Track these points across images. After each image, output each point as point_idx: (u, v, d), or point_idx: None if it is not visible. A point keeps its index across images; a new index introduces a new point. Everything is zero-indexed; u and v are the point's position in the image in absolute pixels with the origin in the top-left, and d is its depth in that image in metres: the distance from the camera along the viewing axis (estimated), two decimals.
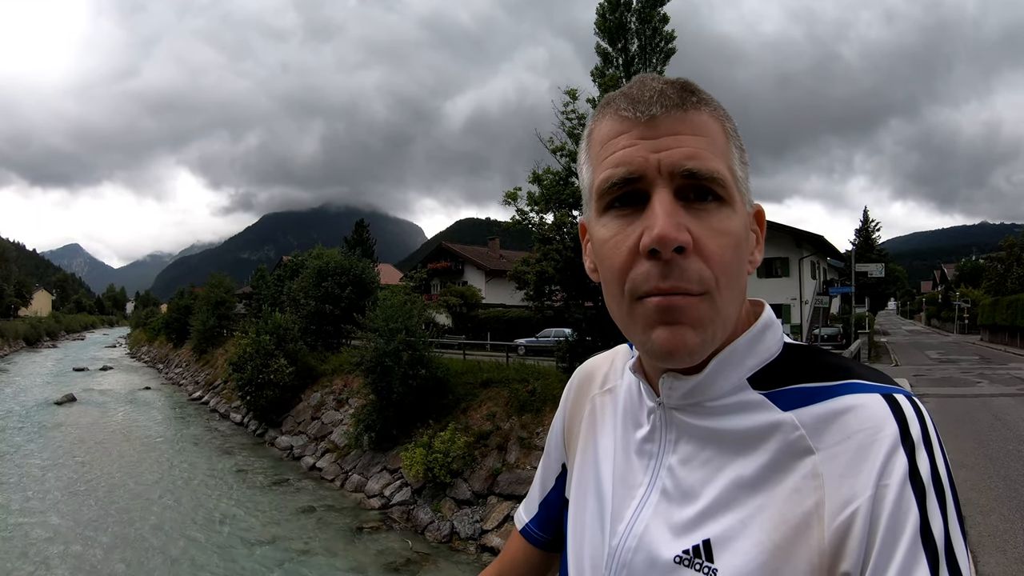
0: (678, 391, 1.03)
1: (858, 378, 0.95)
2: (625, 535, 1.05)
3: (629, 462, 1.12)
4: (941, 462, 0.86)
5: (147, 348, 74.83)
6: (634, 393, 1.17)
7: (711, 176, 0.93)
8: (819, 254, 46.51)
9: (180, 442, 26.94)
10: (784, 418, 0.94)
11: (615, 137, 0.98)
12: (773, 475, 0.92)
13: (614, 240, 0.96)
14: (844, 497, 0.85)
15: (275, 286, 44.52)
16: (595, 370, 1.34)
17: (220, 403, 35.28)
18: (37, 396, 38.42)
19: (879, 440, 0.86)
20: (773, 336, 1.05)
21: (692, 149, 0.94)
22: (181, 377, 48.80)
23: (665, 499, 1.03)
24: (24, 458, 23.58)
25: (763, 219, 1.09)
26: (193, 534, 16.23)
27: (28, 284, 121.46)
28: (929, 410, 0.91)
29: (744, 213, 1.00)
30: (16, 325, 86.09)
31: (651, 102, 0.96)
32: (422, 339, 20.97)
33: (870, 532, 0.83)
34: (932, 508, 0.82)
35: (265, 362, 27.70)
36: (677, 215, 0.92)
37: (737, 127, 1.04)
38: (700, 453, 1.01)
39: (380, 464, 19.91)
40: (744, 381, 1.01)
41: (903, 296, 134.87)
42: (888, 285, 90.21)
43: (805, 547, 0.86)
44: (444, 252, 64.19)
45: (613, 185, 0.96)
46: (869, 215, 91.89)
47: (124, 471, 21.99)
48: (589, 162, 1.04)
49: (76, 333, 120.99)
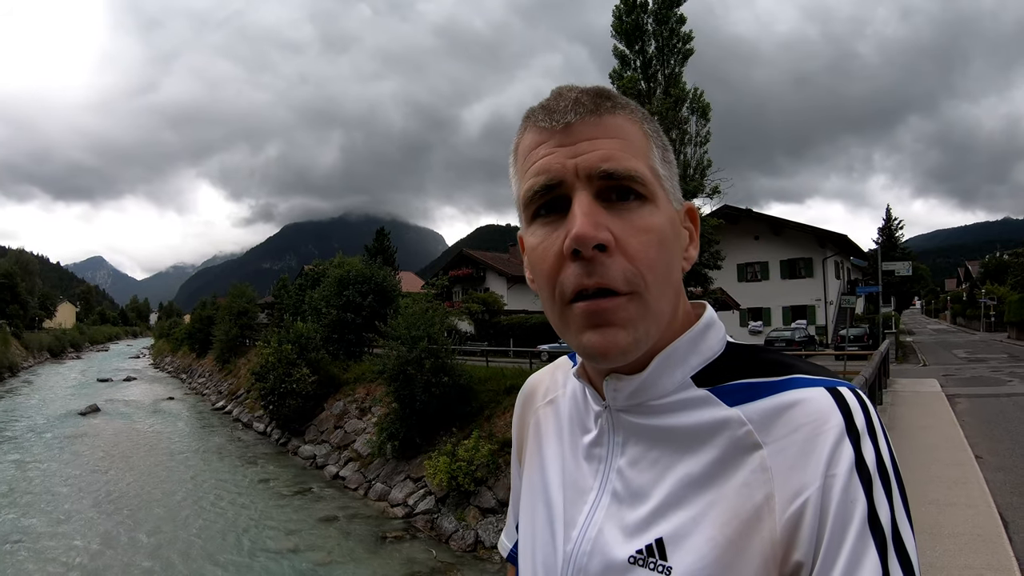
0: (623, 392, 1.03)
1: (801, 373, 0.97)
2: (579, 540, 1.05)
3: (579, 468, 1.12)
4: (886, 450, 0.88)
5: (170, 358, 75.37)
6: (579, 399, 1.18)
7: (628, 175, 0.95)
8: (842, 254, 46.16)
9: (203, 451, 27.02)
10: (731, 414, 0.95)
11: (535, 147, 1.01)
12: (722, 471, 0.93)
13: (542, 247, 0.98)
14: (794, 489, 0.87)
15: (297, 295, 44.74)
16: (537, 384, 1.35)
17: (243, 412, 35.39)
18: (61, 407, 38.76)
19: (825, 431, 0.88)
20: (715, 335, 1.07)
21: (607, 151, 0.96)
22: (204, 387, 49.09)
23: (616, 501, 1.03)
24: (48, 468, 23.76)
25: (695, 215, 1.11)
26: (216, 543, 16.24)
27: (52, 296, 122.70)
28: (962, 410, 0.79)
29: (670, 210, 1.01)
30: (41, 337, 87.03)
31: (566, 111, 0.99)
32: (444, 346, 20.91)
33: (820, 521, 0.84)
34: (879, 495, 0.85)
35: (287, 371, 27.75)
36: (596, 215, 0.93)
37: (660, 128, 1.07)
38: (648, 453, 1.02)
39: (403, 473, 19.83)
40: (688, 379, 1.02)
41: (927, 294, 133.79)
42: (913, 284, 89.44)
43: (758, 540, 0.87)
44: (465, 259, 64.27)
45: (536, 193, 0.99)
46: (892, 213, 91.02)
47: (148, 480, 22.08)
48: (516, 174, 1.06)
49: (100, 344, 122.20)
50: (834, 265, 44.65)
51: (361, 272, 33.73)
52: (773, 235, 43.80)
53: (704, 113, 27.33)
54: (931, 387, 20.47)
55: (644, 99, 26.67)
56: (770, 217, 46.13)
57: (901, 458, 0.89)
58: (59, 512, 18.43)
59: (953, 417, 14.57)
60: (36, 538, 16.49)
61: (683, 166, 26.78)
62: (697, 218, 1.11)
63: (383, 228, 58.25)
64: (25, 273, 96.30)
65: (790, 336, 35.33)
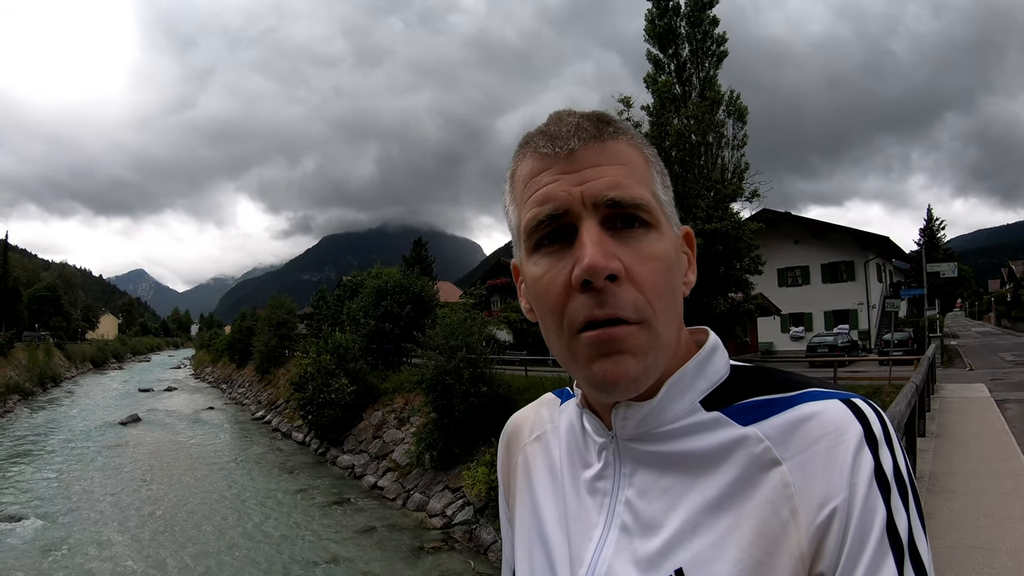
0: (632, 420, 1.00)
1: (813, 387, 0.95)
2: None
3: (581, 504, 1.07)
4: (902, 459, 0.88)
5: (211, 369, 76.47)
6: (577, 433, 1.14)
7: (635, 203, 0.94)
8: (884, 256, 45.44)
9: (243, 461, 27.31)
10: (747, 432, 0.93)
11: (537, 175, 0.98)
12: (742, 491, 0.91)
13: (547, 277, 0.96)
14: (819, 501, 0.85)
15: (335, 306, 45.03)
16: (521, 423, 1.31)
17: (282, 422, 35.74)
18: (103, 416, 39.50)
19: (845, 441, 0.87)
20: (720, 359, 1.04)
21: (613, 179, 0.95)
22: (244, 397, 49.67)
23: (626, 535, 0.99)
24: (90, 477, 24.19)
25: (692, 240, 1.10)
26: (255, 553, 16.39)
27: (95, 308, 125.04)
28: (1012, 416, 0.79)
29: (672, 236, 1.00)
30: (83, 348, 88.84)
31: (569, 136, 0.97)
32: (483, 356, 20.89)
33: (844, 531, 0.83)
34: (896, 505, 0.84)
35: (326, 381, 27.91)
36: (605, 244, 0.92)
37: (657, 152, 1.06)
38: (658, 482, 0.99)
39: (442, 483, 19.80)
40: (696, 404, 0.99)
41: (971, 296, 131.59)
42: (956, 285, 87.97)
43: (786, 556, 0.85)
44: (503, 268, 64.08)
45: (540, 223, 0.96)
46: (933, 214, 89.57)
47: (187, 489, 22.35)
48: (514, 202, 1.04)
49: (142, 355, 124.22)
50: (876, 268, 43.97)
51: (399, 282, 33.89)
52: (813, 238, 43.20)
53: (741, 116, 27.06)
54: (979, 392, 19.98)
55: (680, 103, 26.48)
56: (810, 220, 45.57)
57: (951, 468, 0.80)
58: (100, 520, 18.76)
59: (1004, 424, 14.13)
60: (78, 546, 16.78)
61: (720, 170, 26.55)
62: (694, 242, 1.10)
63: (420, 238, 58.49)
64: (68, 286, 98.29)
65: (832, 342, 34.67)
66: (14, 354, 55.80)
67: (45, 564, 15.62)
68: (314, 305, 57.97)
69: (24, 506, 20.41)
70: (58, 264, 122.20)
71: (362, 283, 38.82)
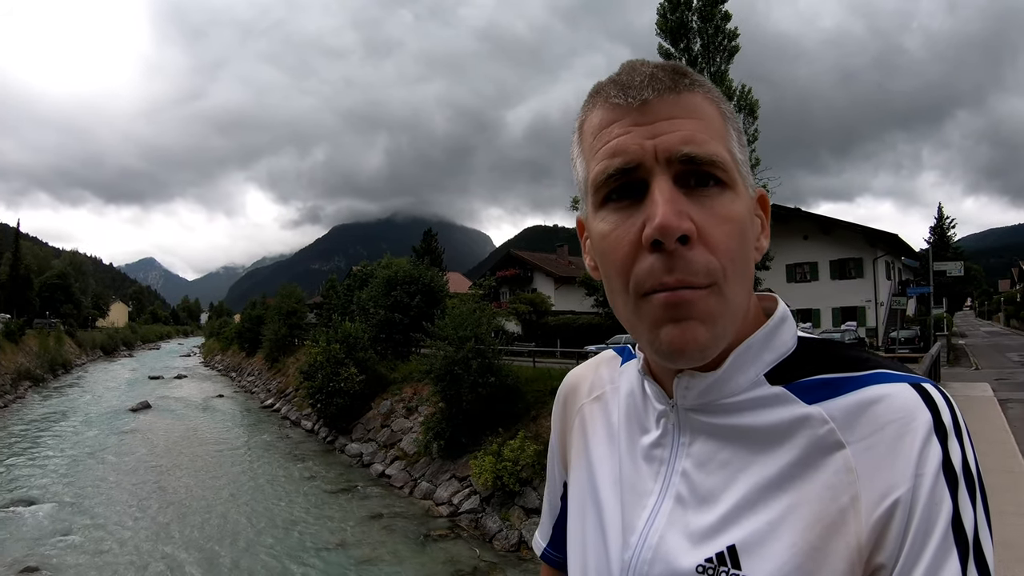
0: (695, 389, 0.98)
1: (883, 368, 0.92)
2: (639, 547, 0.99)
3: (637, 469, 1.06)
4: (971, 452, 0.85)
5: (220, 357, 76.72)
6: (637, 397, 1.12)
7: (710, 160, 0.90)
8: (893, 253, 45.30)
9: (252, 448, 27.48)
10: (811, 411, 0.90)
11: (607, 126, 0.94)
12: (802, 472, 0.88)
13: (615, 234, 0.92)
14: (881, 490, 0.82)
15: (345, 296, 45.12)
16: (580, 380, 1.29)
17: (291, 410, 35.89)
18: (113, 403, 39.70)
19: (913, 429, 0.84)
20: (788, 330, 1.01)
21: (688, 132, 0.90)
22: (253, 385, 49.84)
23: (680, 506, 0.98)
24: (99, 462, 24.40)
25: (767, 204, 1.05)
26: (262, 538, 16.53)
27: (105, 296, 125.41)
28: (1014, 416, 0.79)
29: (747, 197, 0.96)
30: (94, 335, 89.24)
31: (642, 87, 0.93)
32: (491, 347, 20.97)
33: (907, 523, 0.80)
34: (963, 500, 0.81)
35: (335, 370, 28.05)
36: (678, 203, 0.88)
37: (733, 109, 1.01)
38: (718, 455, 0.97)
39: (449, 472, 19.94)
40: (761, 376, 0.97)
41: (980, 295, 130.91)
42: (965, 284, 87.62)
43: (843, 544, 0.83)
44: (512, 260, 64.30)
45: (610, 176, 0.92)
46: (944, 212, 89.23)
47: (196, 475, 22.54)
48: (582, 155, 1.00)
49: (151, 343, 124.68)
50: (885, 265, 43.83)
51: (409, 273, 33.97)
52: (822, 234, 43.03)
53: (752, 111, 27.01)
54: (983, 391, 19.99)
55: None
56: (819, 216, 45.31)
57: None
58: (109, 506, 18.91)
59: (1005, 423, 14.17)
60: (88, 530, 16.93)
61: None
62: (768, 205, 1.06)
63: (430, 229, 58.59)
64: (79, 274, 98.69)
65: (839, 338, 34.28)
66: (25, 341, 56.05)
67: (59, 547, 15.75)
68: (324, 294, 58.10)
69: (37, 490, 20.62)
70: (69, 252, 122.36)
71: (372, 273, 38.91)
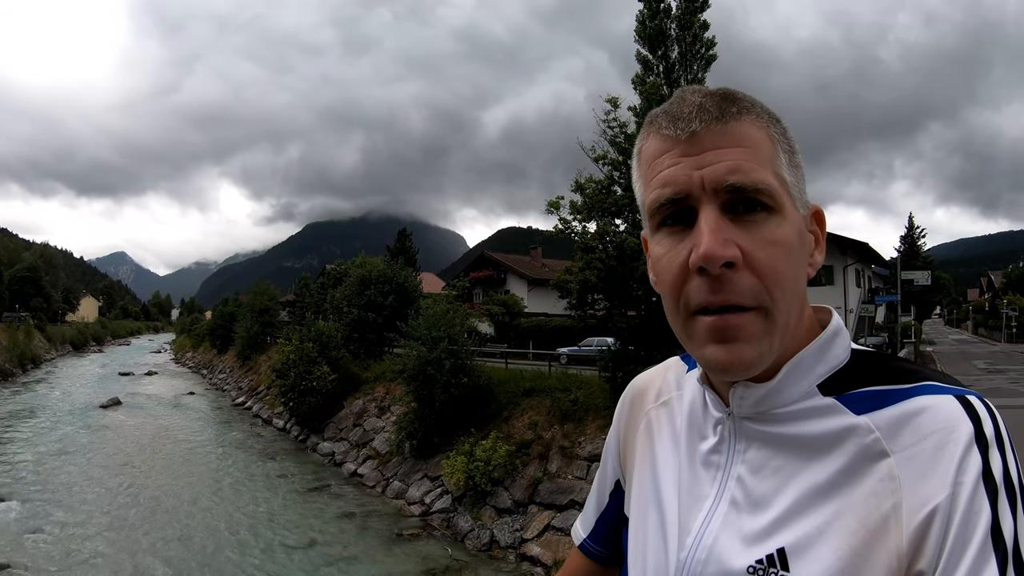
0: (749, 400, 1.03)
1: (930, 380, 0.95)
2: (694, 547, 1.04)
3: (695, 474, 1.11)
4: (1013, 462, 0.86)
5: (191, 354, 76.07)
6: (698, 405, 1.17)
7: (756, 188, 0.94)
8: (863, 262, 45.79)
9: (223, 446, 27.34)
10: (859, 422, 0.94)
11: (660, 156, 0.99)
12: (849, 480, 0.92)
13: (667, 257, 0.98)
14: (922, 498, 0.85)
15: (318, 294, 44.99)
16: (648, 384, 1.34)
17: (263, 409, 35.69)
18: (83, 399, 39.26)
19: (954, 439, 0.86)
20: (842, 343, 1.04)
21: (734, 163, 0.94)
22: (225, 383, 49.52)
23: (735, 509, 1.02)
24: (69, 460, 24.14)
25: (823, 219, 1.09)
26: (234, 537, 16.48)
27: (75, 290, 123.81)
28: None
29: (796, 218, 0.99)
30: (63, 330, 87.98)
31: (691, 118, 0.97)
32: (464, 347, 21.01)
33: (945, 531, 0.83)
34: (1003, 509, 0.83)
35: (308, 369, 27.96)
36: (723, 231, 0.93)
37: (787, 129, 1.04)
38: (771, 461, 1.01)
39: (421, 471, 19.99)
40: (814, 387, 1.01)
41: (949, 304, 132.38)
42: (934, 293, 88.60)
43: (883, 551, 0.86)
44: (486, 261, 64.24)
45: (662, 205, 0.98)
46: (915, 221, 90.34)
47: (166, 474, 22.40)
48: (641, 180, 1.05)
49: (122, 339, 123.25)
50: (855, 273, 44.26)
51: (383, 272, 33.92)
52: None
53: None
54: None
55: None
56: None
57: None
58: (79, 503, 18.75)
59: None
60: (57, 527, 16.79)
61: None
62: (824, 220, 1.09)
63: (405, 229, 58.42)
64: (49, 267, 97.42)
65: None
66: None
67: (27, 545, 15.64)
68: (297, 292, 57.80)
69: (4, 488, 20.38)
70: (40, 245, 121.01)
71: (346, 272, 38.81)
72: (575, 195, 20.88)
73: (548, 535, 15.26)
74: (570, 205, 20.75)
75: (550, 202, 21.14)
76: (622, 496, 1.33)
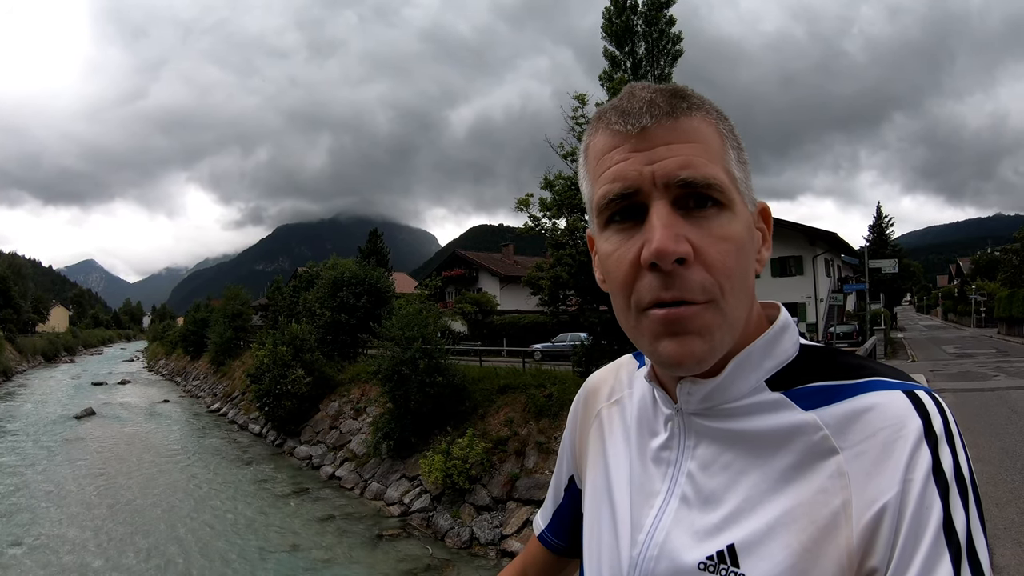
0: (696, 395, 1.03)
1: (879, 376, 0.95)
2: (646, 544, 1.04)
3: (646, 471, 1.11)
4: (963, 457, 0.87)
5: (165, 361, 75.10)
6: (648, 402, 1.17)
7: (707, 183, 0.94)
8: (833, 251, 46.36)
9: (199, 453, 27.07)
10: (806, 418, 0.94)
11: (609, 152, 0.98)
12: (798, 476, 0.92)
13: (617, 254, 0.97)
14: (871, 495, 0.86)
15: (291, 297, 44.69)
16: (601, 383, 1.34)
17: (238, 414, 35.43)
18: (56, 410, 38.61)
19: (903, 436, 0.87)
20: (790, 338, 1.05)
21: (685, 158, 0.94)
22: (199, 389, 48.95)
23: (685, 506, 1.02)
24: (44, 471, 23.77)
25: (768, 216, 1.09)
26: (213, 544, 16.33)
27: (45, 300, 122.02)
28: (947, 405, 0.96)
29: (746, 214, 1.00)
30: (34, 341, 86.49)
31: (641, 113, 0.96)
32: (438, 347, 20.97)
33: (896, 527, 0.83)
34: (955, 503, 0.83)
35: (283, 373, 27.77)
36: (675, 226, 0.92)
37: (734, 126, 1.05)
38: (720, 457, 1.01)
39: (399, 472, 19.97)
40: (762, 383, 1.01)
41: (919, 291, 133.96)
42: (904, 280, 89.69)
43: (834, 547, 0.87)
44: (458, 260, 64.34)
45: (611, 201, 0.97)
46: (883, 210, 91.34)
47: (143, 483, 22.13)
48: (588, 176, 1.04)
49: (94, 348, 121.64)
50: (824, 263, 44.85)
51: (355, 274, 33.73)
52: None
53: None
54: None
55: None
56: None
57: None
58: (55, 516, 18.45)
59: None
60: (33, 540, 16.51)
61: None
62: (770, 217, 1.10)
63: (376, 229, 58.22)
64: (18, 277, 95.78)
65: None
66: None
67: (3, 560, 15.40)
68: (269, 296, 57.40)
69: None
70: (8, 254, 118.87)
71: (318, 274, 38.61)
72: (545, 192, 21.00)
73: (527, 530, 15.28)
74: (540, 202, 20.87)
75: (520, 200, 21.24)
76: (576, 491, 1.37)
